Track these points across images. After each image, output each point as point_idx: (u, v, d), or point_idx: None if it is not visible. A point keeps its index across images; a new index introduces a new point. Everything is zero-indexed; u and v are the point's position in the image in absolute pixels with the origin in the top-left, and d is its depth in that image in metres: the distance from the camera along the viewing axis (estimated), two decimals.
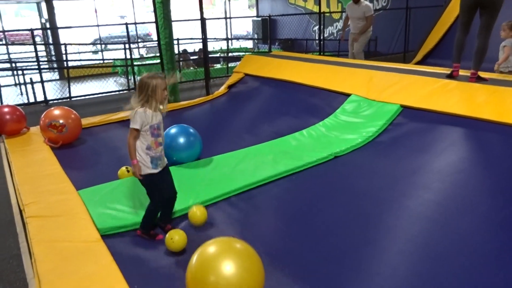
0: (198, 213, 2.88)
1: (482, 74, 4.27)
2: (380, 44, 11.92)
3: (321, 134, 4.36)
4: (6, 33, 13.50)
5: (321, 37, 10.06)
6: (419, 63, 8.36)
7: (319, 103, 5.05)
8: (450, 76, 4.39)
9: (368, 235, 2.70)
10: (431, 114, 4.01)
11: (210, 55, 10.88)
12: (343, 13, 13.27)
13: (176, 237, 2.61)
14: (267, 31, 13.89)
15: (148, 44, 15.73)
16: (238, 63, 9.84)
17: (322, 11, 9.79)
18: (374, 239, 2.66)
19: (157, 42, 6.81)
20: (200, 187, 3.41)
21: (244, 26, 19.91)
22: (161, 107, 2.75)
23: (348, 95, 4.83)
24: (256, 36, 16.15)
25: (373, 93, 4.62)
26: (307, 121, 4.72)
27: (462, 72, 4.49)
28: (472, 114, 3.74)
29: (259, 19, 15.66)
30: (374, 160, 3.74)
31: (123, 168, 3.70)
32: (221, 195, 3.31)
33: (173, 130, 3.90)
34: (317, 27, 14.27)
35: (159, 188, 2.80)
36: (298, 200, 3.26)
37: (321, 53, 9.85)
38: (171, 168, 3.68)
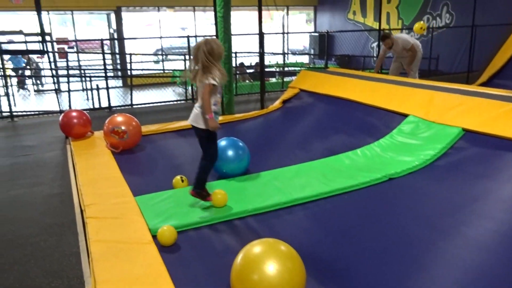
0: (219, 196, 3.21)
1: None
2: (441, 63, 11.51)
3: (375, 154, 4.26)
4: (77, 42, 14.46)
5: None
6: (484, 84, 7.99)
7: (375, 123, 4.94)
8: None
9: (422, 262, 2.58)
10: (497, 140, 3.79)
11: (266, 69, 11.04)
12: (404, 30, 12.97)
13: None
14: (324, 47, 13.87)
15: None
16: (293, 77, 9.88)
17: (381, 28, 9.64)
18: (428, 266, 2.54)
19: None
20: (249, 199, 3.44)
21: (301, 41, 19.98)
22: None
23: (405, 115, 4.69)
24: (312, 51, 16.16)
25: (433, 115, 4.45)
26: (362, 140, 4.63)
27: None
28: None
29: (317, 34, 15.67)
30: (431, 185, 3.59)
31: (178, 177, 3.82)
32: (269, 206, 3.32)
33: (222, 142, 3.98)
34: (375, 43, 14.04)
35: (216, 140, 3.23)
36: (348, 219, 3.20)
37: (379, 71, 9.64)
38: (221, 181, 3.78)
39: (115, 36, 14.77)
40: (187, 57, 10.76)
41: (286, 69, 13.01)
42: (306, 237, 2.97)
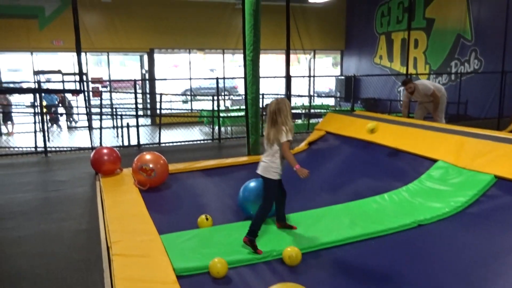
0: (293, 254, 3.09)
1: None
2: (470, 108, 11.38)
3: (403, 200, 4.17)
4: (111, 82, 15.09)
5: None
6: None
7: (403, 167, 4.87)
8: None
9: None
10: None
11: (292, 111, 11.10)
12: (431, 75, 12.98)
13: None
14: (350, 90, 13.98)
15: (234, 97, 16.60)
16: (319, 120, 9.94)
17: (409, 72, 9.68)
18: None
19: (244, 96, 7.16)
20: (274, 242, 3.39)
21: (327, 83, 20.22)
22: None
23: (434, 160, 4.62)
24: (338, 94, 16.31)
25: (464, 161, 4.36)
26: (389, 185, 4.56)
27: None
28: None
29: (343, 77, 15.86)
30: (462, 233, 3.47)
31: (203, 216, 3.83)
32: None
33: (252, 184, 3.99)
34: (402, 87, 14.05)
35: (276, 191, 3.47)
36: (375, 266, 3.10)
37: (407, 116, 9.60)
38: (246, 222, 3.78)
39: (147, 76, 15.35)
40: (215, 97, 11.04)
41: (312, 111, 13.12)
42: (330, 283, 2.89)
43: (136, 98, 10.17)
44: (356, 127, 6.16)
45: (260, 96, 9.31)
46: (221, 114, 10.96)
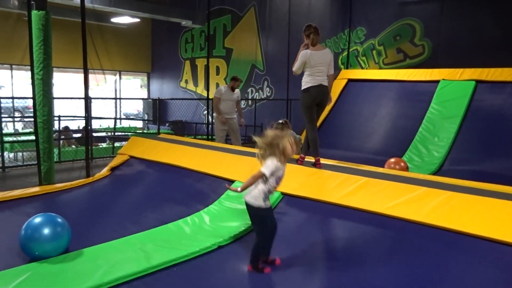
0: None
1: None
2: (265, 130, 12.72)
3: (204, 222, 4.30)
4: None
5: (209, 121, 10.39)
6: None
7: (205, 189, 5.05)
8: (314, 165, 4.91)
9: None
10: (310, 202, 4.29)
11: (96, 134, 10.48)
12: None
13: None
14: (157, 112, 14.02)
15: (27, 118, 14.65)
16: (125, 143, 9.57)
17: (210, 97, 10.24)
18: None
19: (33, 119, 6.35)
20: (64, 283, 3.03)
21: (136, 105, 19.83)
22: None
23: (232, 181, 4.93)
24: (146, 116, 16.14)
25: None
26: (192, 208, 4.65)
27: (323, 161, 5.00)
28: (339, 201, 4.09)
29: (150, 100, 15.80)
30: None
31: None
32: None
33: (36, 219, 3.50)
34: (206, 112, 14.82)
35: (271, 220, 3.32)
36: None
37: (209, 137, 10.11)
38: (31, 265, 3.31)
39: None
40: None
41: (118, 134, 12.60)
42: None
43: None
44: (160, 150, 6.15)
45: (57, 118, 8.45)
46: (8, 139, 9.49)
